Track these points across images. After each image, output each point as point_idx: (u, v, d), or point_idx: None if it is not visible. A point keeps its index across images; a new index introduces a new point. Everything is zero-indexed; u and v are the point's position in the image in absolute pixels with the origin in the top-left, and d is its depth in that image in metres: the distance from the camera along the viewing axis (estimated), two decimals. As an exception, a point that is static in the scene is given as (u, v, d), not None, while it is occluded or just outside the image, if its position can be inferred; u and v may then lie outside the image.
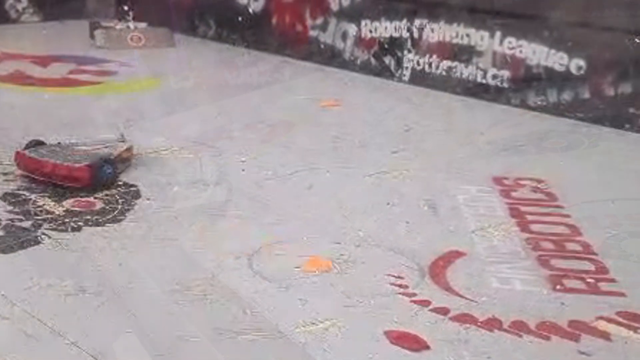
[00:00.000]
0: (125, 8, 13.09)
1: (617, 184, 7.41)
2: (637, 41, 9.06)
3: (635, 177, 7.65)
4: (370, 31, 11.31)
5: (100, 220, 6.14)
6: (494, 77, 10.13)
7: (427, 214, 6.62)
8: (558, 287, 5.44)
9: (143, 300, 5.00)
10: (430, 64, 10.73)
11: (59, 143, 7.28)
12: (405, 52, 10.96)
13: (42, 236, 5.80)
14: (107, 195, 6.60)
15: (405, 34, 10.96)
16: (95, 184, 6.73)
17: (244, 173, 7.30)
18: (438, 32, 10.65)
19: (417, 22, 10.84)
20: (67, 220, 6.09)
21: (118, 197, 6.56)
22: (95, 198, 6.53)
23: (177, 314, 4.88)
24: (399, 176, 7.42)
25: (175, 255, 5.64)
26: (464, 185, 7.23)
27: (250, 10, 12.66)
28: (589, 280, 5.55)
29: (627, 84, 9.11)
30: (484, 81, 10.22)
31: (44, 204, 6.35)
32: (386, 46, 11.15)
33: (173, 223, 6.17)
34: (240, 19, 12.78)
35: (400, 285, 5.33)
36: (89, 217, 6.17)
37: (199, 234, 5.98)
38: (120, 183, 6.87)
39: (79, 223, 6.05)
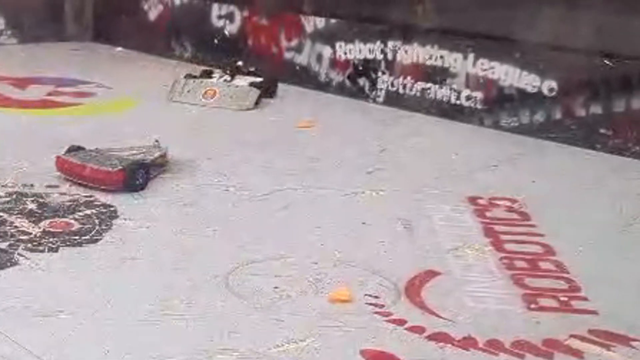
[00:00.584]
0: (240, 63, 11.42)
1: (588, 204, 7.44)
2: (607, 63, 9.12)
3: (606, 196, 7.67)
4: (345, 53, 11.33)
5: (78, 240, 6.08)
6: (468, 98, 10.16)
7: (402, 233, 6.61)
8: (532, 305, 5.44)
9: (121, 321, 4.94)
10: (404, 86, 10.75)
11: (97, 148, 7.60)
12: (380, 73, 10.98)
13: (19, 257, 5.74)
14: (84, 215, 6.54)
15: (380, 56, 10.98)
16: (128, 187, 7.08)
17: (221, 193, 7.26)
18: (412, 53, 10.68)
19: (390, 44, 10.87)
20: (44, 241, 6.02)
21: (95, 217, 6.50)
22: (73, 219, 6.47)
23: (154, 334, 4.83)
24: (375, 196, 7.41)
25: (153, 275, 5.59)
26: (439, 205, 7.23)
27: (226, 33, 12.66)
28: (562, 298, 5.56)
29: (597, 104, 9.17)
30: (457, 102, 10.25)
31: (20, 225, 6.28)
32: (360, 68, 11.16)
33: (150, 243, 6.13)
34: (216, 41, 12.77)
35: (376, 305, 5.31)
36: (66, 237, 6.11)
37: (176, 254, 5.94)
38: (97, 203, 6.81)
39: (57, 244, 5.98)
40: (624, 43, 9.18)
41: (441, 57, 10.42)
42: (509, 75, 9.80)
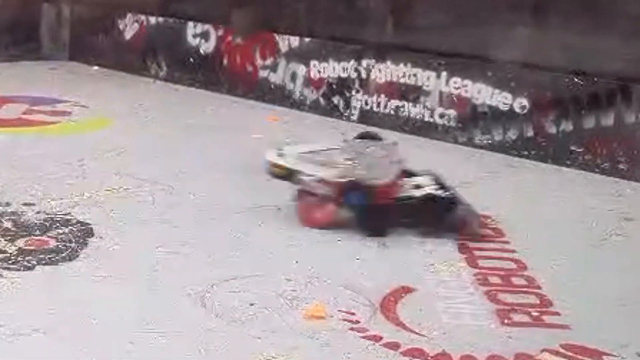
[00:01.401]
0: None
1: (560, 219, 7.47)
2: (576, 80, 9.19)
3: (577, 212, 7.72)
4: (319, 72, 11.35)
5: (54, 258, 6.04)
6: (441, 116, 10.20)
7: (377, 250, 6.60)
8: (505, 321, 5.45)
9: (98, 339, 4.91)
10: (378, 104, 10.78)
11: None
12: (354, 92, 11.00)
13: (-5, 275, 5.70)
14: (60, 233, 6.51)
15: (353, 74, 11.00)
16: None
17: (197, 211, 7.24)
18: (385, 72, 10.71)
19: (364, 62, 10.90)
20: (20, 259, 5.98)
21: (71, 236, 6.47)
22: (49, 237, 6.43)
23: (131, 352, 4.80)
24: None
25: (129, 293, 5.57)
26: (414, 222, 7.23)
27: (202, 51, 12.65)
28: (534, 313, 5.58)
29: (567, 122, 9.24)
30: (431, 120, 10.29)
31: (-4, 243, 6.25)
32: (335, 86, 11.18)
33: (126, 260, 6.10)
34: (191, 59, 12.76)
35: (352, 321, 5.30)
36: (42, 255, 6.07)
37: (152, 272, 5.91)
38: (73, 221, 6.78)
39: (32, 262, 5.94)
40: (593, 62, 9.25)
41: (414, 75, 10.46)
42: (481, 93, 9.85)
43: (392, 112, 10.64)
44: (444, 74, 10.19)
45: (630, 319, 5.59)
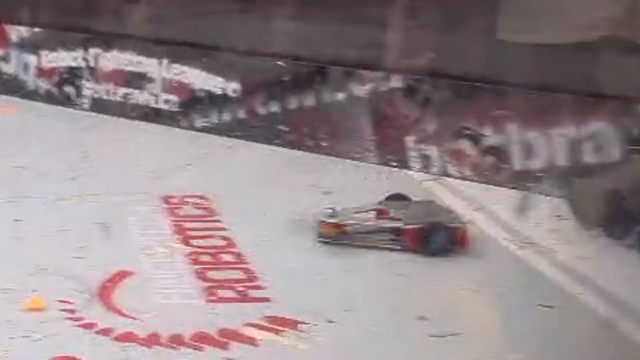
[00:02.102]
0: None
1: (267, 196, 7.55)
2: (283, 65, 9.35)
3: (284, 188, 7.80)
4: (50, 61, 11.00)
5: None
6: (165, 101, 10.14)
7: (99, 237, 6.52)
8: (212, 297, 5.52)
9: None
10: (107, 92, 10.58)
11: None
12: (84, 80, 10.75)
13: None
14: None
15: (83, 63, 10.75)
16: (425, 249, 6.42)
17: None
18: (112, 60, 10.52)
19: (92, 51, 10.66)
20: None
21: None
22: None
23: None
24: (76, 201, 7.27)
25: None
26: (136, 207, 7.18)
27: None
28: (239, 288, 5.67)
29: (275, 103, 9.38)
30: (156, 106, 10.20)
31: None
32: (65, 75, 10.88)
33: None
34: None
35: (69, 310, 5.21)
36: None
37: None
38: None
39: None
40: (300, 47, 9.44)
41: (139, 63, 10.33)
42: (198, 78, 9.85)
43: (121, 99, 10.47)
44: (165, 61, 10.12)
45: (324, 288, 5.77)
